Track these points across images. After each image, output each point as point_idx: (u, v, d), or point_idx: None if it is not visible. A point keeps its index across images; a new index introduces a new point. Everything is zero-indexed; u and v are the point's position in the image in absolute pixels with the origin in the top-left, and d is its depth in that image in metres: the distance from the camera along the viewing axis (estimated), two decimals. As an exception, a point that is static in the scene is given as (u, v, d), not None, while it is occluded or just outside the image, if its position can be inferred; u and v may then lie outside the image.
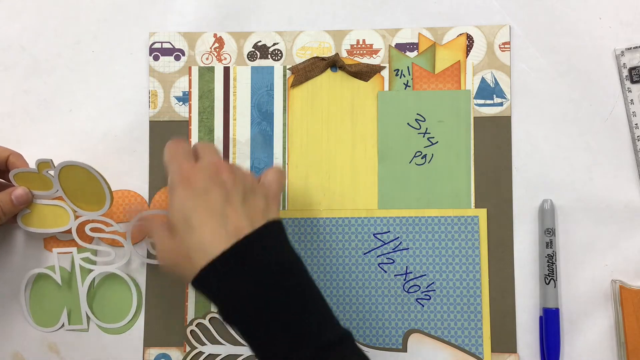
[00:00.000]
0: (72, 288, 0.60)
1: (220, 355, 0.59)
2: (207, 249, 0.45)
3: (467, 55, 0.60)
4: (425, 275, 0.59)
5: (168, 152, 0.50)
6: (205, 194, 0.47)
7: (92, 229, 0.58)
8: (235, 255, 0.45)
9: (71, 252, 0.59)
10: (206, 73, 0.61)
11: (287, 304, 0.45)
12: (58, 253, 0.59)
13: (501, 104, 0.60)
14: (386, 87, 0.60)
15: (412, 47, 0.61)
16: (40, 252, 0.61)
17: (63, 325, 0.60)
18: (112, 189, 0.56)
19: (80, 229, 0.58)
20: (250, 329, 0.45)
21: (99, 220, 0.58)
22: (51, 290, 0.60)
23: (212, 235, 0.45)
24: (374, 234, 0.59)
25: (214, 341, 0.59)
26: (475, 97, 0.60)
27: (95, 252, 0.60)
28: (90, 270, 0.59)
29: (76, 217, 0.58)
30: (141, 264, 0.60)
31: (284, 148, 0.61)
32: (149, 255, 0.59)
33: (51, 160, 0.54)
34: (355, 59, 0.61)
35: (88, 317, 0.60)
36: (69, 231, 0.58)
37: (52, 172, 0.55)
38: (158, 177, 0.61)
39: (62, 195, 0.57)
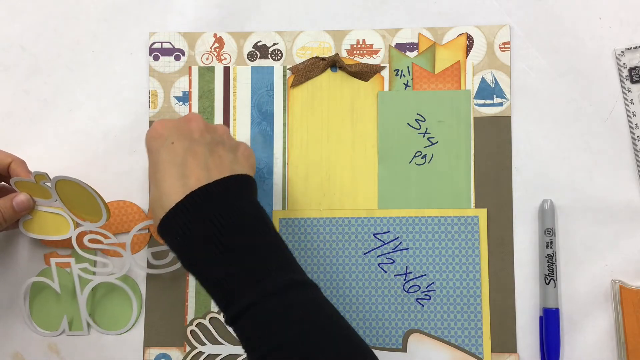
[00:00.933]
0: (72, 296, 0.60)
1: (220, 355, 0.59)
2: (164, 202, 0.45)
3: (467, 55, 0.60)
4: (425, 275, 0.59)
5: None
6: (171, 144, 0.47)
7: (91, 240, 0.58)
8: (187, 207, 0.44)
9: (69, 263, 0.59)
10: (206, 73, 0.61)
11: (238, 254, 0.44)
12: (56, 263, 0.59)
13: (501, 104, 0.60)
14: (386, 87, 0.60)
15: (412, 47, 0.61)
16: (43, 257, 0.61)
17: (64, 331, 0.60)
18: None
19: (79, 239, 0.58)
20: (203, 280, 0.45)
21: (98, 231, 0.58)
22: (51, 297, 0.60)
23: (170, 188, 0.45)
24: (374, 234, 0.59)
25: (214, 341, 0.59)
26: (475, 97, 0.60)
27: (93, 263, 0.59)
28: (90, 280, 0.59)
29: (76, 227, 0.57)
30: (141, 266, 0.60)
31: (284, 148, 0.60)
32: (149, 265, 0.59)
33: (46, 173, 0.54)
34: (355, 59, 0.61)
35: (89, 324, 0.60)
36: (69, 239, 0.57)
37: (49, 184, 0.55)
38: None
39: (62, 205, 0.56)
